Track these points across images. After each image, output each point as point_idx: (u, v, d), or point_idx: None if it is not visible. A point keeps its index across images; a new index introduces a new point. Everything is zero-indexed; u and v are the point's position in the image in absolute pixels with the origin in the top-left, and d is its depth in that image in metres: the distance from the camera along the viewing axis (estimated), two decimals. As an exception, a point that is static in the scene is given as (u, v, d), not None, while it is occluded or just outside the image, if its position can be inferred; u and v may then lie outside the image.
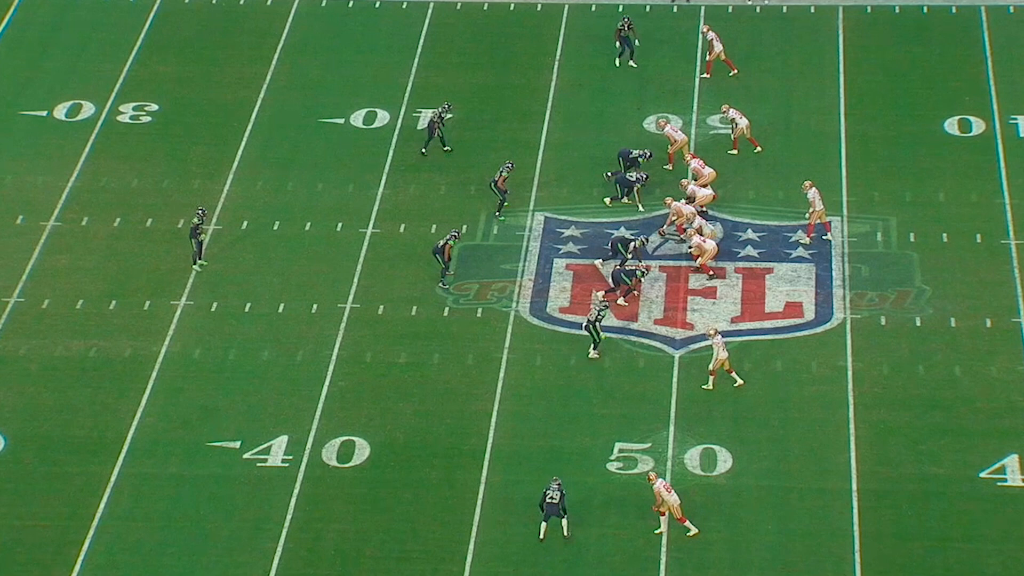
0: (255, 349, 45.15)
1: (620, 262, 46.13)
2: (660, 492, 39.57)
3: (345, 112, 53.14)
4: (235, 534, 40.29)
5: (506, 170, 48.69)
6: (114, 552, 40.01)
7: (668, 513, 39.56)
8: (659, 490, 39.58)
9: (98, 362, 44.87)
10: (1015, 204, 48.89)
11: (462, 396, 43.69)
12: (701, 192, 48.16)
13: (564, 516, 39.56)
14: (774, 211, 48.95)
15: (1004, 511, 40.33)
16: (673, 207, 47.60)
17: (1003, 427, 42.41)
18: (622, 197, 48.83)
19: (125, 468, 42.00)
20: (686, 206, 47.57)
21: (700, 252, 46.54)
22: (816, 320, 45.67)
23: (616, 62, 54.57)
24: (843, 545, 39.72)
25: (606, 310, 44.46)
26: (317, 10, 57.75)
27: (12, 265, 47.77)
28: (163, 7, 57.83)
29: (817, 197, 47.31)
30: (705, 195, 48.15)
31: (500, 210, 48.75)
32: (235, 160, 51.38)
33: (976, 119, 52.20)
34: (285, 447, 42.41)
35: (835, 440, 42.22)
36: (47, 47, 56.29)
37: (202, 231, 47.25)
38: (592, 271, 47.16)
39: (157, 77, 54.80)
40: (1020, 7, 56.57)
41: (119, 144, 52.19)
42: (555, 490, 39.47)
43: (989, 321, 45.34)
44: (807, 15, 56.83)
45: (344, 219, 49.08)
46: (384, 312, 46.19)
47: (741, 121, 50.26)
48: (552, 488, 39.49)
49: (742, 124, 50.25)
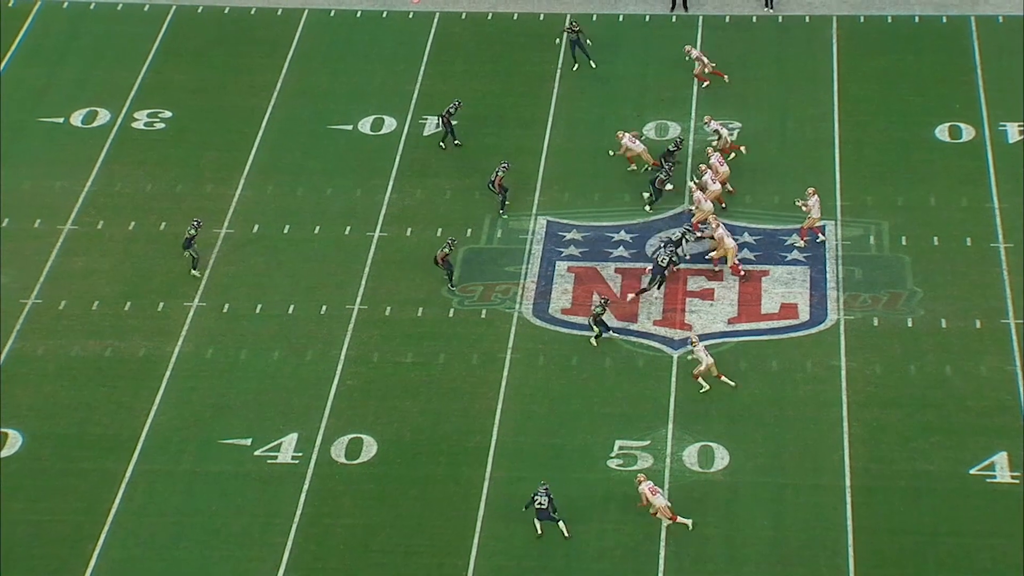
0: (266, 349, 45.16)
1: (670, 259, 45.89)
2: (646, 494, 39.50)
3: (353, 119, 53.15)
4: (246, 529, 40.31)
5: (502, 170, 48.71)
6: (129, 546, 40.05)
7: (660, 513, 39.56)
8: (645, 492, 39.51)
9: (113, 362, 44.89)
10: (1004, 208, 48.86)
11: (467, 395, 43.70)
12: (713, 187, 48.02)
13: (558, 519, 39.50)
14: (770, 215, 48.93)
15: (993, 507, 40.33)
16: (696, 196, 47.44)
17: (992, 425, 42.40)
18: (657, 199, 48.52)
19: (139, 465, 42.03)
20: (706, 202, 47.39)
21: (722, 248, 46.20)
22: (811, 321, 45.65)
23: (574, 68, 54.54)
24: (837, 539, 39.72)
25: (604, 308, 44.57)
26: (326, 20, 57.75)
27: (30, 267, 47.79)
28: (177, 17, 57.85)
29: (816, 205, 47.28)
30: (714, 190, 47.96)
31: (503, 208, 48.76)
32: (246, 165, 51.38)
33: (966, 126, 52.17)
34: (295, 444, 42.42)
35: (829, 438, 42.21)
36: (64, 56, 56.31)
37: (196, 242, 46.87)
38: (593, 273, 47.15)
39: (171, 85, 54.81)
40: (1009, 17, 56.56)
41: (134, 150, 52.20)
42: (543, 495, 39.39)
43: (979, 322, 45.32)
44: (802, 24, 56.81)
45: (352, 223, 49.09)
46: (391, 313, 46.19)
47: (723, 131, 50.14)
48: (540, 494, 39.42)
49: (724, 134, 50.13)
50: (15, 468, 42.03)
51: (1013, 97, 53.02)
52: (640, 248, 47.84)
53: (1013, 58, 54.76)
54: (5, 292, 46.83)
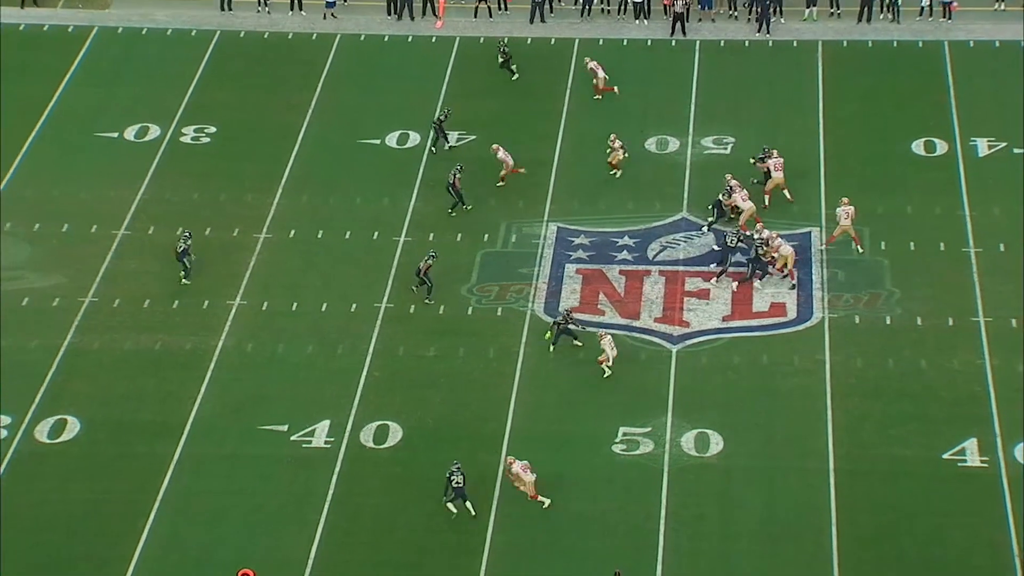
0: (301, 343, 45.14)
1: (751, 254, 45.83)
2: (520, 474, 39.14)
3: (381, 134, 53.11)
4: (282, 507, 40.30)
5: (458, 171, 48.64)
6: (177, 522, 40.06)
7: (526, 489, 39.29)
8: (518, 472, 39.18)
9: (163, 355, 44.90)
10: (974, 216, 48.73)
11: (484, 385, 43.65)
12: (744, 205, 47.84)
13: (467, 498, 39.21)
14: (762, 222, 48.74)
15: (964, 489, 40.23)
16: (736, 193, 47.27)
17: (964, 414, 42.28)
18: (716, 220, 48.18)
19: (186, 448, 42.05)
20: (745, 202, 47.12)
21: (781, 256, 46.03)
22: (798, 319, 45.54)
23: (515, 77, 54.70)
24: (822, 518, 39.64)
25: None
26: (357, 44, 57.75)
27: (87, 269, 47.82)
28: (221, 41, 57.87)
29: (844, 214, 46.91)
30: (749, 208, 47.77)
31: (454, 209, 48.61)
32: (283, 176, 51.37)
33: (940, 141, 52.03)
34: (327, 430, 42.41)
35: (815, 425, 42.12)
36: (118, 77, 56.34)
37: (190, 252, 46.59)
38: (599, 275, 47.09)
39: (215, 103, 54.82)
40: (979, 42, 56.43)
41: (181, 162, 52.21)
42: (457, 473, 39.11)
43: (951, 320, 45.20)
44: (791, 49, 56.71)
45: (380, 229, 49.06)
46: (415, 311, 46.16)
47: (620, 152, 49.92)
48: (455, 473, 39.12)
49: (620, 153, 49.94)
50: (74, 451, 42.08)
51: (983, 115, 52.88)
52: (642, 252, 47.76)
53: (983, 79, 54.63)
54: (65, 291, 46.86)
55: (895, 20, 57.44)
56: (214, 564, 38.91)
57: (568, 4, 58.85)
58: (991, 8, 57.78)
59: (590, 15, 58.28)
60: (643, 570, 38.39)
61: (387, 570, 38.79)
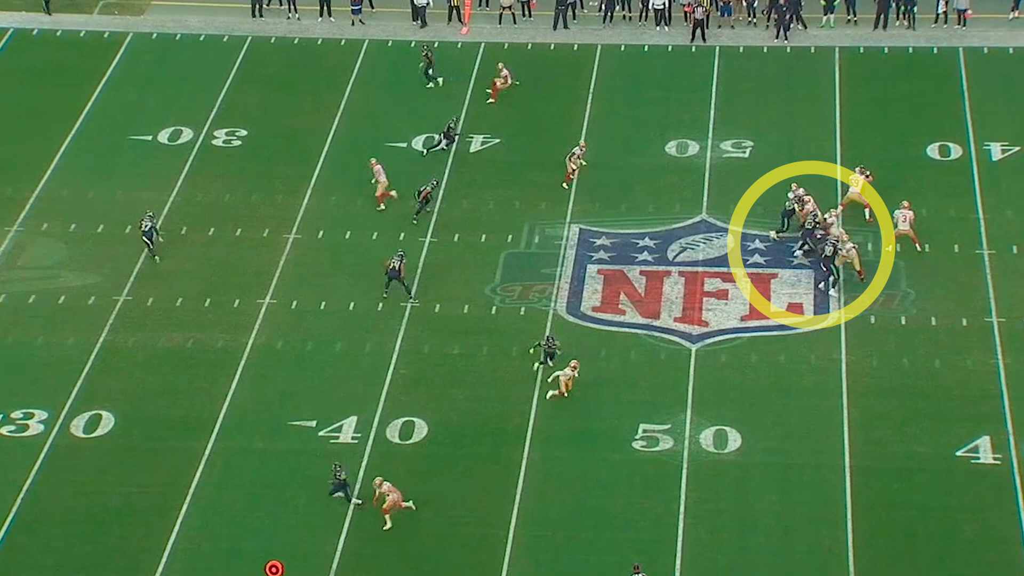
0: (329, 341, 45.25)
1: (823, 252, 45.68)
2: (386, 492, 39.04)
3: (407, 137, 53.21)
4: (311, 500, 40.40)
5: (430, 185, 48.68)
6: (208, 515, 40.21)
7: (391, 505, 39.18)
8: (385, 491, 39.08)
9: (195, 352, 45.05)
10: (987, 219, 48.63)
11: (507, 383, 43.69)
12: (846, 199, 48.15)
13: (349, 491, 39.49)
14: (777, 225, 48.69)
15: (977, 485, 40.17)
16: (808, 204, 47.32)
17: (977, 412, 42.21)
18: (785, 229, 48.06)
19: (217, 443, 42.18)
20: (809, 204, 47.11)
21: (850, 257, 46.00)
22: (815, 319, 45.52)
23: (430, 85, 54.72)
24: (837, 513, 39.61)
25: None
26: (384, 50, 57.85)
27: (121, 268, 48.00)
28: (252, 47, 58.02)
29: (901, 217, 46.85)
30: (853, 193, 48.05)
31: (417, 215, 48.63)
32: (312, 178, 51.48)
33: (954, 145, 51.94)
34: (355, 426, 42.50)
35: (830, 423, 42.09)
36: (152, 81, 56.53)
37: (156, 232, 47.33)
38: (620, 275, 47.10)
39: (246, 106, 54.97)
40: (993, 48, 56.31)
41: (213, 164, 52.37)
42: (340, 469, 39.32)
43: (965, 320, 45.12)
44: (808, 55, 56.65)
45: (406, 229, 49.11)
46: (440, 310, 46.23)
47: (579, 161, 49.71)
48: (337, 469, 39.37)
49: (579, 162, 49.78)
50: (109, 446, 42.24)
51: (996, 119, 52.77)
52: (662, 252, 47.77)
53: (997, 85, 54.51)
54: (100, 290, 47.04)
55: (911, 27, 57.35)
56: (244, 556, 39.03)
57: (591, 11, 58.92)
58: (1006, 16, 57.66)
59: (612, 21, 58.33)
60: (662, 564, 38.41)
61: (412, 563, 38.87)
